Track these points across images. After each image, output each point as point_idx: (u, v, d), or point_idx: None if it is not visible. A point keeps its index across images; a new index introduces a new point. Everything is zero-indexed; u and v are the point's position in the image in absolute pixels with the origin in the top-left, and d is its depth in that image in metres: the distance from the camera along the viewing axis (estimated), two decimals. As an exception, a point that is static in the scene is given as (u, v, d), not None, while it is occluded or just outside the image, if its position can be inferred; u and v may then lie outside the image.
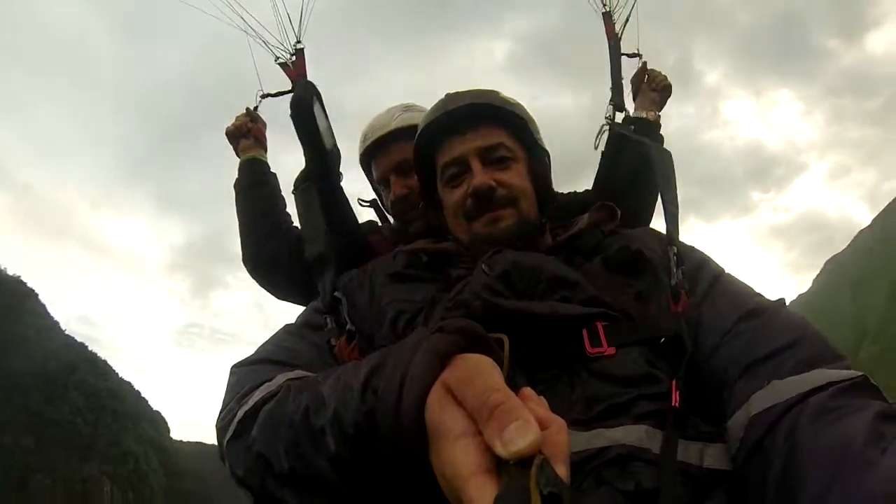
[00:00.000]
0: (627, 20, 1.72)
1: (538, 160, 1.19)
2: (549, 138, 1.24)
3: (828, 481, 0.62)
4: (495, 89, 1.19)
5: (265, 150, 1.76)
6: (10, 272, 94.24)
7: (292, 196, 1.42)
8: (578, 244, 1.10)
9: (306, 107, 1.34)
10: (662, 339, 0.91)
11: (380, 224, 1.75)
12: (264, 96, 1.67)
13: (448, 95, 1.19)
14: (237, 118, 1.74)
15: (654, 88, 1.73)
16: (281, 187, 1.74)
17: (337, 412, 0.64)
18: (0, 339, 79.24)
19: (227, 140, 1.76)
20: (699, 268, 1.03)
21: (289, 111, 1.38)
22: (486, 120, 1.13)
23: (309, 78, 1.48)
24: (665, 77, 1.74)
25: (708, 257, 1.08)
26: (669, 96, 1.74)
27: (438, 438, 0.48)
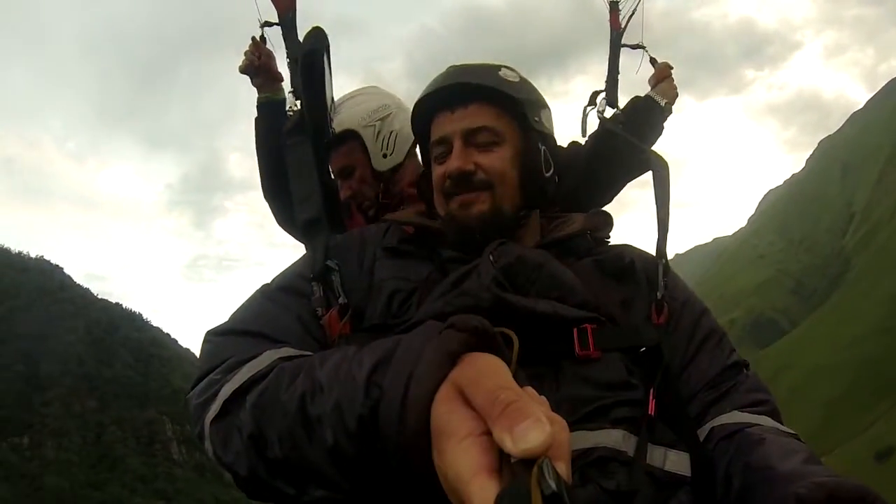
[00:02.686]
0: (633, 13, 1.66)
1: (530, 145, 1.13)
2: (530, 29, 1.78)
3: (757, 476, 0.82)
4: (501, 64, 1.14)
5: (280, 82, 1.70)
6: (16, 249, 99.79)
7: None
8: (570, 245, 1.11)
9: (319, 58, 1.27)
10: (642, 349, 0.97)
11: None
12: (265, 24, 1.54)
13: (450, 69, 1.16)
14: (245, 53, 1.66)
15: (665, 76, 1.76)
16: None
17: (338, 403, 0.62)
18: (47, 318, 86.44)
19: (213, 65, 2.50)
20: (685, 303, 1.09)
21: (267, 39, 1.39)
22: (477, 99, 1.09)
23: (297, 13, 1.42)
24: (667, 64, 1.76)
25: (693, 294, 1.14)
26: (674, 101, 1.76)
27: (442, 438, 0.48)
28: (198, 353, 0.95)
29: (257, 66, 1.65)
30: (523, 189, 1.11)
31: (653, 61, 1.76)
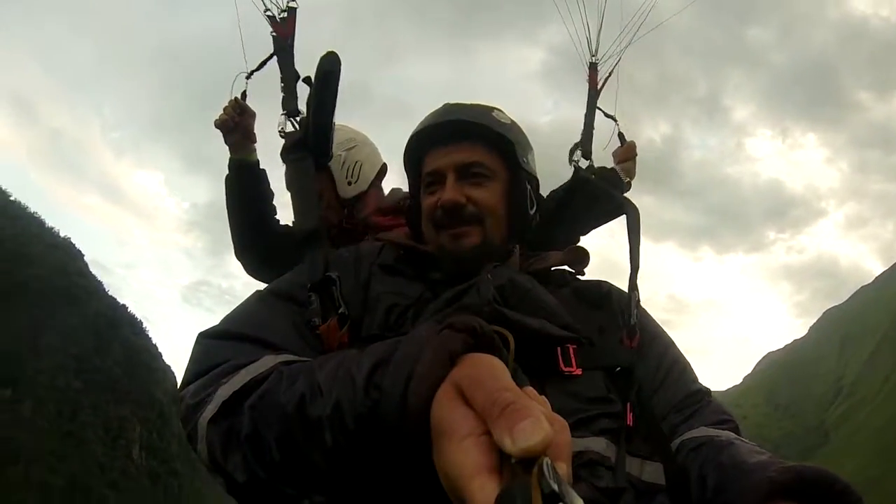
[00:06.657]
0: (609, 76, 1.80)
1: (518, 183, 1.19)
2: (568, 144, 1.34)
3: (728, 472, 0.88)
4: (496, 107, 1.21)
5: (254, 143, 1.73)
6: (49, 223, 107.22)
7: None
8: (549, 277, 1.18)
9: (334, 82, 1.28)
10: (618, 368, 1.06)
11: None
12: (249, 76, 1.62)
13: (445, 106, 1.23)
14: (224, 109, 1.68)
15: (630, 157, 1.96)
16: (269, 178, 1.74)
17: (338, 404, 0.62)
18: (58, 296, 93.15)
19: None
20: (654, 336, 1.17)
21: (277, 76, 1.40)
22: (471, 136, 1.15)
23: (296, 45, 1.46)
24: (634, 145, 1.97)
25: (661, 328, 1.23)
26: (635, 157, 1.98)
27: (443, 438, 0.48)
28: (177, 373, 0.92)
29: (236, 122, 1.67)
30: (510, 224, 1.18)
31: (621, 137, 1.93)
